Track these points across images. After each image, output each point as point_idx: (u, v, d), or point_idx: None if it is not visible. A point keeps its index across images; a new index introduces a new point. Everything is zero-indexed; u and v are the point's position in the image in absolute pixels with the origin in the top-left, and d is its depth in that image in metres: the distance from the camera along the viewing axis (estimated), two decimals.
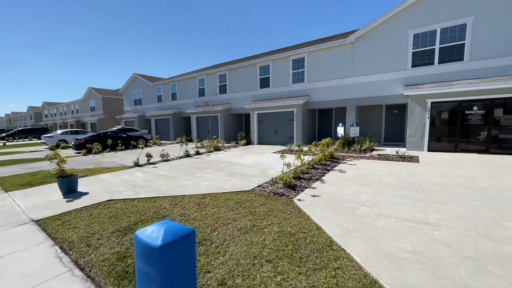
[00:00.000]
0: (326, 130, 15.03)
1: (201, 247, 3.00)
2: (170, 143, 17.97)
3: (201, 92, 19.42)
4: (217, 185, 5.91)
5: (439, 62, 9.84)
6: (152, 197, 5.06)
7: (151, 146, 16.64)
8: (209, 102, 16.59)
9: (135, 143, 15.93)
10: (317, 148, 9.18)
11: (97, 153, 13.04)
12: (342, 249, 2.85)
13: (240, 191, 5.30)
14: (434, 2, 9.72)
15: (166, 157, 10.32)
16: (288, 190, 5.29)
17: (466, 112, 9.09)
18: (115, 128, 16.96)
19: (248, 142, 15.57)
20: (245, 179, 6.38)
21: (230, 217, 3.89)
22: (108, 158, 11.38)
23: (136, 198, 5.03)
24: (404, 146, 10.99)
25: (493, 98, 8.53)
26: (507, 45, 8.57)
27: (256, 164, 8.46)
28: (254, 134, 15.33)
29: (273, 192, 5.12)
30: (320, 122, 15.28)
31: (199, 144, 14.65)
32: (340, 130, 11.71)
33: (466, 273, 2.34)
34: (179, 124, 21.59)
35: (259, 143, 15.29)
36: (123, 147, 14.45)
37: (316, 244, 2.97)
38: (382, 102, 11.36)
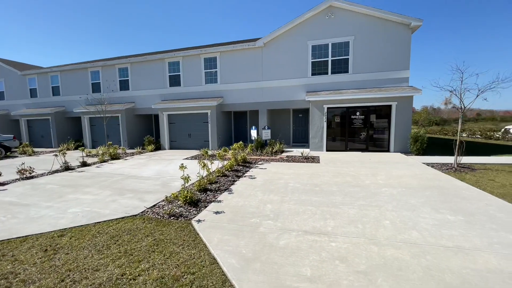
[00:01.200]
0: (243, 133, 15.00)
1: None
2: (51, 152, 13.66)
3: (96, 88, 15.85)
4: (93, 211, 4.43)
5: (332, 73, 11.27)
6: None
7: (17, 156, 12.17)
8: (104, 99, 13.60)
9: None
10: (229, 153, 8.74)
11: None
12: None
13: (123, 218, 4.08)
14: (325, 19, 11.05)
15: (30, 173, 7.49)
16: (189, 208, 4.47)
17: (352, 116, 10.73)
18: None
19: (158, 147, 13.69)
20: (137, 198, 5.12)
21: (91, 265, 2.73)
22: None
23: None
24: (308, 146, 12.07)
25: (368, 105, 10.39)
26: (376, 62, 10.62)
27: (159, 175, 7.19)
28: (165, 138, 13.61)
29: (168, 214, 4.17)
30: (237, 125, 15.12)
31: (92, 152, 11.72)
32: (254, 133, 11.77)
33: None
34: (65, 127, 16.94)
35: (171, 148, 13.68)
36: None
37: None
38: (290, 106, 12.14)
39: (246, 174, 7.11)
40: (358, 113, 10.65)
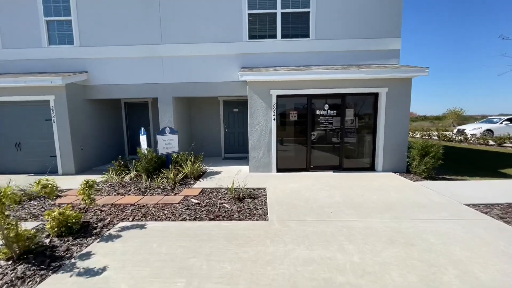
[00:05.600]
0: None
1: None
2: None
3: None
4: None
5: (283, 36, 6.62)
6: None
7: None
8: None
9: None
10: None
11: None
12: None
13: None
14: None
15: None
16: None
17: (317, 112, 6.32)
18: None
19: None
20: None
21: None
22: None
23: None
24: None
25: (343, 93, 6.14)
26: (352, 23, 6.45)
27: None
28: None
29: None
30: (132, 125, 9.09)
31: None
32: (143, 142, 6.16)
33: None
34: None
35: None
36: None
37: None
38: (215, 94, 6.98)
39: None
40: (326, 107, 6.30)
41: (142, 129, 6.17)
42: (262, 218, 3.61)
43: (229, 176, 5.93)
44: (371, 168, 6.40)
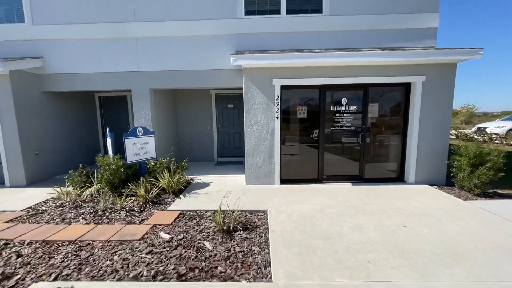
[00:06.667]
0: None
1: None
2: None
3: None
4: None
5: (288, 11, 5.23)
6: None
7: None
8: None
9: None
10: None
11: None
12: None
13: None
14: None
15: None
16: None
17: (332, 107, 4.96)
18: None
19: None
20: None
21: None
22: None
23: None
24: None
25: (366, 83, 4.77)
26: None
27: None
28: None
29: None
30: (109, 124, 7.71)
31: None
32: (110, 146, 4.79)
33: None
34: None
35: None
36: None
37: None
38: (202, 85, 5.58)
39: None
40: (344, 101, 4.94)
41: (107, 130, 4.81)
42: (261, 274, 2.28)
43: (219, 190, 4.59)
44: (399, 178, 5.07)
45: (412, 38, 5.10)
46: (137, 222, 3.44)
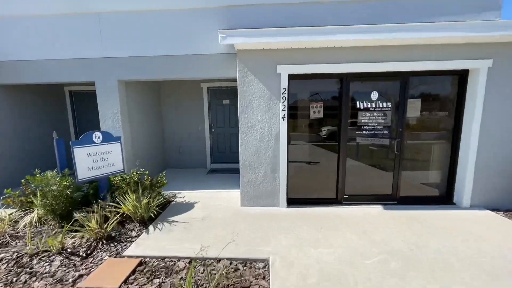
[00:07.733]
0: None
1: None
2: None
3: None
4: None
5: None
6: None
7: None
8: None
9: None
10: None
11: None
12: None
13: None
14: None
15: None
16: None
17: (358, 102, 3.68)
18: None
19: None
20: None
21: None
22: None
23: None
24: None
25: (404, 71, 3.47)
26: None
27: None
28: None
29: None
30: (82, 123, 6.53)
31: None
32: (59, 156, 3.58)
33: None
34: None
35: None
36: None
37: None
38: (186, 75, 4.30)
39: None
40: (375, 95, 3.64)
41: (54, 134, 3.58)
42: None
43: (204, 217, 3.38)
44: (446, 199, 3.79)
45: (469, 10, 3.74)
46: (70, 281, 2.25)
